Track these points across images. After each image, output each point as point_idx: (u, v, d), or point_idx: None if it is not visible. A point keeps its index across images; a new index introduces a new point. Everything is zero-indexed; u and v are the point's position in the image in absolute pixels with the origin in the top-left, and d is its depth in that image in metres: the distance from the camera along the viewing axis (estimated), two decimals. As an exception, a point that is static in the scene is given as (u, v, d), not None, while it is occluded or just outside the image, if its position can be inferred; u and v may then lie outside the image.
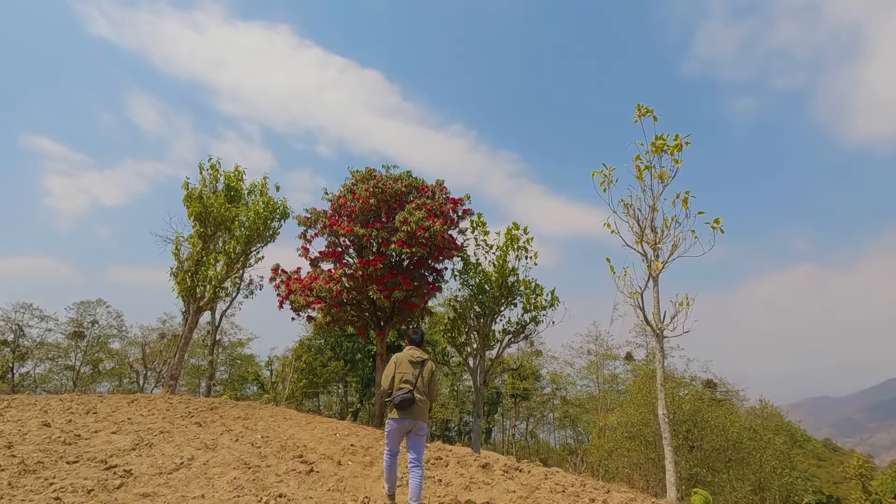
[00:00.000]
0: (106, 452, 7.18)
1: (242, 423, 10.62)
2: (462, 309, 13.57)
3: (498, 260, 13.19)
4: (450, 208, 12.73)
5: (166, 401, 13.08)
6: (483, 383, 13.41)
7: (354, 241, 12.40)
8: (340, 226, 11.98)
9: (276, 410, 12.73)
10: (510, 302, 13.53)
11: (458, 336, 13.74)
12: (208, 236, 15.01)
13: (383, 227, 11.94)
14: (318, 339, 34.61)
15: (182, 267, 14.88)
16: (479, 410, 13.40)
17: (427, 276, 12.99)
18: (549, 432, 46.42)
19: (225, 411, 11.90)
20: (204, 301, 15.12)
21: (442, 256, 12.53)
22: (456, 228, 13.12)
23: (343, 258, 12.59)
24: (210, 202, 14.67)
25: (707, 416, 28.58)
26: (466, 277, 13.41)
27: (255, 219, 15.15)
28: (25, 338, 38.47)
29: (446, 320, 13.88)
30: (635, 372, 38.73)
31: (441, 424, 42.19)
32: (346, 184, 12.57)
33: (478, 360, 13.46)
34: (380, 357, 13.19)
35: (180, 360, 15.03)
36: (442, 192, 12.72)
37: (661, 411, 7.27)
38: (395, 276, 12.10)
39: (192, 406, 12.31)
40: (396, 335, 17.43)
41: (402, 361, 5.38)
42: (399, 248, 11.53)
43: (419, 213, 11.47)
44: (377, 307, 13.03)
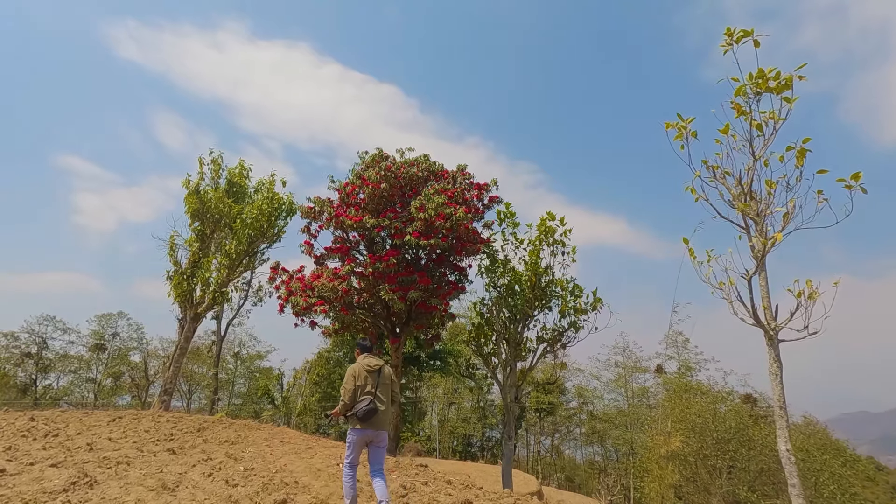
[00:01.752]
0: (23, 496, 5.19)
1: (228, 448, 8.59)
2: (489, 313, 11.40)
3: (530, 256, 11.01)
4: (474, 195, 10.65)
5: (153, 419, 11.13)
6: (515, 399, 11.15)
7: (364, 234, 10.40)
8: (347, 216, 9.99)
9: (275, 432, 10.67)
10: (545, 305, 11.31)
11: (484, 345, 11.55)
12: (206, 235, 13.18)
13: (397, 217, 9.92)
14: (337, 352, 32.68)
15: (179, 269, 13.06)
16: (511, 431, 11.11)
17: (448, 274, 10.88)
18: (574, 448, 43.36)
19: (213, 433, 9.90)
20: (202, 307, 13.23)
21: (465, 251, 10.42)
22: (481, 220, 11.03)
23: (351, 254, 10.58)
24: (207, 197, 12.88)
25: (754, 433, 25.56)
26: (494, 277, 11.25)
27: (259, 216, 13.29)
28: (49, 350, 37.42)
29: (470, 326, 11.70)
30: (667, 386, 35.72)
31: (463, 440, 39.61)
32: (355, 169, 10.61)
33: (508, 372, 11.23)
34: (394, 369, 11.05)
35: (174, 373, 13.11)
36: (465, 178, 10.66)
37: (783, 445, 5.01)
38: (412, 274, 10.04)
39: (179, 426, 10.33)
40: (415, 345, 15.28)
41: (359, 373, 5.16)
42: (415, 240, 9.48)
43: (438, 199, 9.43)
44: (391, 311, 10.95)
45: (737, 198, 5.72)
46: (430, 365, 16.21)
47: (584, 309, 11.04)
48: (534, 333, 11.41)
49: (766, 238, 5.35)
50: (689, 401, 28.74)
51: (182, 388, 38.66)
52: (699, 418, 25.04)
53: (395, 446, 10.89)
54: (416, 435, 38.62)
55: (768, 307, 5.26)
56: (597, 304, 11.01)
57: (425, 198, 9.52)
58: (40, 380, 36.88)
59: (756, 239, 5.39)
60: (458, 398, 38.33)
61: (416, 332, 11.12)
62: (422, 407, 40.88)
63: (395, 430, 10.89)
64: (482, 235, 10.88)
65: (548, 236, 11.03)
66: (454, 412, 39.44)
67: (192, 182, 12.84)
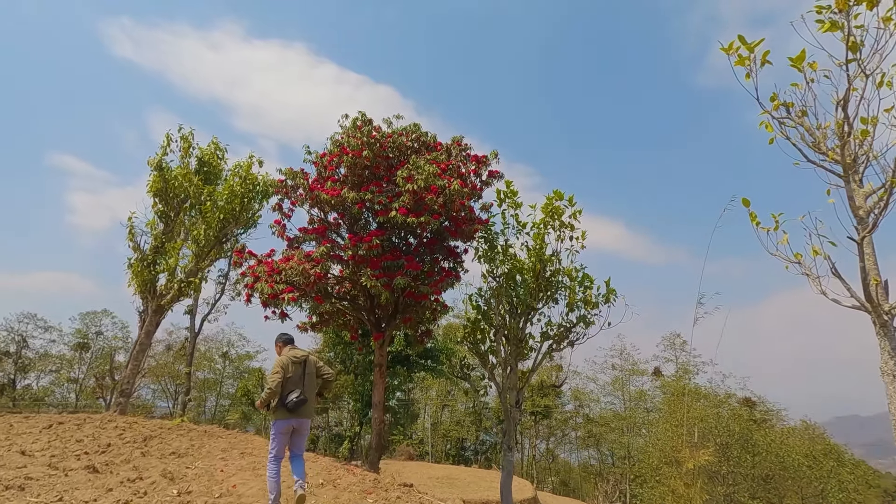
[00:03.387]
0: None
1: (170, 464, 6.93)
2: (486, 306, 9.80)
3: (535, 240, 9.43)
4: (471, 170, 9.07)
5: (100, 425, 9.41)
6: (517, 404, 9.53)
7: (344, 213, 8.78)
8: (324, 189, 8.38)
9: (239, 440, 9.01)
10: (550, 297, 9.72)
11: (480, 342, 9.95)
12: (171, 218, 11.51)
13: (381, 191, 8.31)
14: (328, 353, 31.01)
15: (140, 255, 11.38)
16: (512, 441, 9.48)
17: (441, 260, 9.27)
18: (569, 451, 41.72)
19: (162, 443, 8.23)
20: (167, 299, 11.55)
21: (460, 233, 8.81)
22: (479, 200, 9.44)
23: (329, 235, 8.96)
24: (171, 175, 11.22)
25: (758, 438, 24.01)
26: (493, 265, 9.66)
27: (231, 198, 11.64)
28: (28, 349, 35.40)
29: (466, 322, 10.08)
30: (665, 389, 34.19)
31: (456, 443, 37.89)
32: (334, 136, 9.00)
33: (507, 373, 9.61)
34: (378, 369, 9.41)
35: (133, 372, 11.40)
36: (461, 149, 9.08)
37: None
38: (398, 258, 8.43)
39: (125, 434, 8.64)
40: (404, 342, 13.61)
41: (287, 365, 5.12)
42: (402, 217, 7.88)
43: (430, 168, 7.84)
44: (375, 302, 9.33)
45: (821, 140, 4.19)
46: (422, 364, 14.56)
47: (595, 302, 9.45)
48: (537, 329, 9.82)
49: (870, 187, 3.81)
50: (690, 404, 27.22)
51: (168, 389, 36.76)
52: (701, 423, 23.51)
53: (378, 455, 9.25)
54: (408, 438, 36.83)
55: (879, 282, 3.72)
56: (610, 296, 9.43)
57: (414, 167, 7.92)
58: (19, 380, 34.85)
59: (855, 194, 3.85)
60: (451, 401, 36.63)
61: (404, 326, 9.48)
62: (414, 409, 39.13)
63: (378, 438, 9.24)
64: (480, 217, 9.28)
65: (554, 218, 9.46)
66: (447, 415, 37.74)
67: (154, 158, 11.17)
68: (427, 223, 7.83)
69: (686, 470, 10.53)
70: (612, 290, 9.49)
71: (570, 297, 9.63)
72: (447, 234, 8.91)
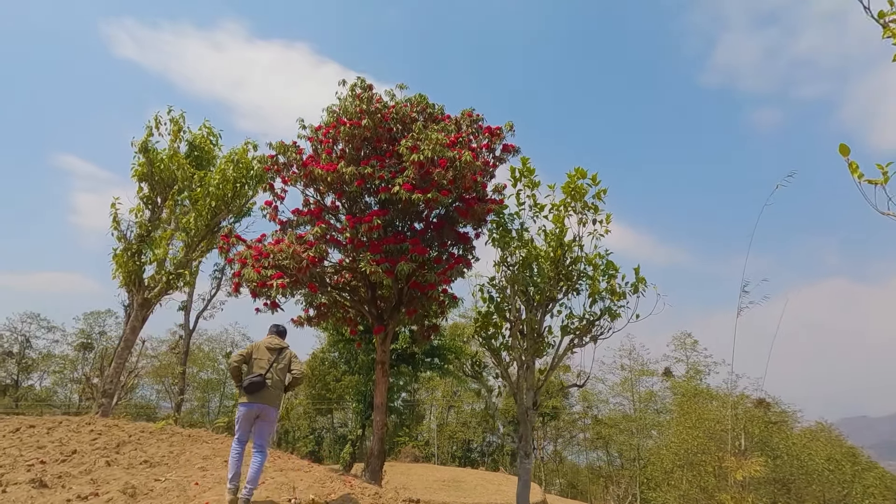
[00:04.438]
0: None
1: (138, 475, 5.87)
2: (500, 297, 8.70)
3: (555, 222, 8.34)
4: (483, 145, 7.99)
5: (74, 429, 8.36)
6: (533, 406, 8.42)
7: (342, 193, 7.72)
8: (318, 164, 7.32)
9: (224, 446, 7.91)
10: (571, 287, 8.63)
11: (493, 337, 8.86)
12: (157, 204, 10.50)
13: (383, 166, 7.25)
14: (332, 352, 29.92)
15: (125, 244, 10.37)
16: (528, 447, 8.36)
17: (449, 244, 8.19)
18: (576, 453, 40.43)
19: (136, 450, 7.17)
20: (154, 292, 10.54)
21: (472, 214, 7.72)
22: (491, 180, 8.36)
23: (325, 217, 7.90)
24: (157, 158, 10.21)
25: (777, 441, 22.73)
26: (507, 251, 8.56)
27: (222, 183, 10.61)
28: (32, 349, 34.57)
29: (476, 315, 8.98)
30: (675, 390, 32.91)
31: (462, 445, 36.69)
32: (331, 107, 7.94)
33: (525, 370, 8.51)
34: (380, 367, 8.32)
35: (116, 371, 10.37)
36: (472, 121, 8.00)
37: None
38: (402, 241, 7.37)
39: (99, 439, 7.60)
40: (409, 339, 12.51)
41: (259, 346, 5.14)
42: (407, 193, 6.81)
43: (438, 136, 6.78)
44: (376, 293, 8.26)
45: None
46: (428, 363, 13.45)
47: (622, 292, 8.34)
48: (558, 322, 8.72)
49: None
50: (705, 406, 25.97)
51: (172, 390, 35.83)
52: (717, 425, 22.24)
53: (380, 463, 8.16)
54: (413, 439, 35.70)
55: None
56: (639, 285, 8.32)
57: (420, 135, 6.85)
58: (23, 380, 34.01)
59: None
60: (457, 401, 35.47)
61: (409, 320, 8.39)
62: (419, 410, 37.99)
63: (380, 444, 8.14)
64: (493, 198, 8.20)
65: (576, 199, 8.37)
66: (454, 415, 36.58)
67: (139, 140, 10.17)
68: (435, 200, 6.74)
69: (734, 481, 9.33)
70: (642, 279, 8.37)
71: (592, 287, 8.54)
72: (457, 216, 7.83)
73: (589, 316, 8.53)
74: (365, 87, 7.58)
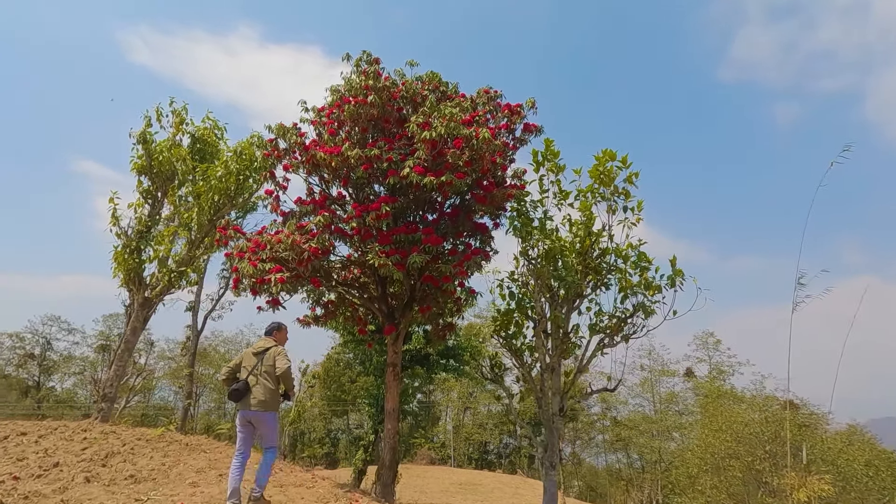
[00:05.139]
0: None
1: (120, 493, 5.18)
2: (522, 293, 7.85)
3: (582, 209, 7.48)
4: (502, 126, 7.16)
5: (66, 437, 7.74)
6: (560, 412, 7.55)
7: (347, 178, 6.95)
8: (321, 147, 6.57)
9: (223, 456, 7.22)
10: (601, 281, 7.75)
11: (515, 336, 8.01)
12: (157, 198, 9.88)
13: (391, 147, 6.47)
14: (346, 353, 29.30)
15: (124, 241, 9.76)
16: (555, 456, 7.50)
17: (465, 234, 7.36)
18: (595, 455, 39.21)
19: (126, 462, 6.49)
20: (155, 291, 9.91)
21: (491, 199, 6.89)
22: (511, 162, 7.51)
23: (330, 206, 7.14)
24: (157, 149, 9.59)
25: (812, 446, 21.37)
26: (528, 242, 7.71)
27: (225, 176, 9.95)
28: (53, 351, 34.64)
29: (495, 313, 8.14)
30: (698, 391, 31.57)
31: (479, 447, 35.77)
32: (335, 87, 7.19)
33: (550, 373, 7.64)
34: (391, 369, 7.53)
35: (117, 374, 9.76)
36: (490, 99, 7.17)
37: None
38: (415, 231, 6.57)
39: (90, 450, 6.93)
40: (423, 339, 11.71)
41: (246, 353, 4.97)
42: (419, 176, 6.01)
43: (452, 111, 5.97)
44: (386, 289, 7.48)
45: None
46: (443, 365, 12.64)
47: (657, 285, 7.42)
48: (585, 320, 7.83)
49: None
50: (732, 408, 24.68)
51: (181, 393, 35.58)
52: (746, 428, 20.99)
53: (392, 475, 7.36)
54: (429, 441, 34.91)
55: None
56: (676, 278, 7.39)
57: (432, 110, 6.06)
58: (44, 381, 34.08)
59: None
60: (473, 403, 34.59)
61: (422, 317, 7.59)
62: (435, 412, 37.19)
63: (392, 453, 7.35)
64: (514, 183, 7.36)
65: (605, 184, 7.49)
66: (470, 417, 35.71)
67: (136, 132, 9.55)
68: (449, 183, 5.93)
69: (796, 501, 8.34)
70: (679, 272, 7.43)
71: (626, 281, 7.63)
72: (473, 203, 7.00)
73: (620, 313, 7.64)
74: (371, 60, 6.81)
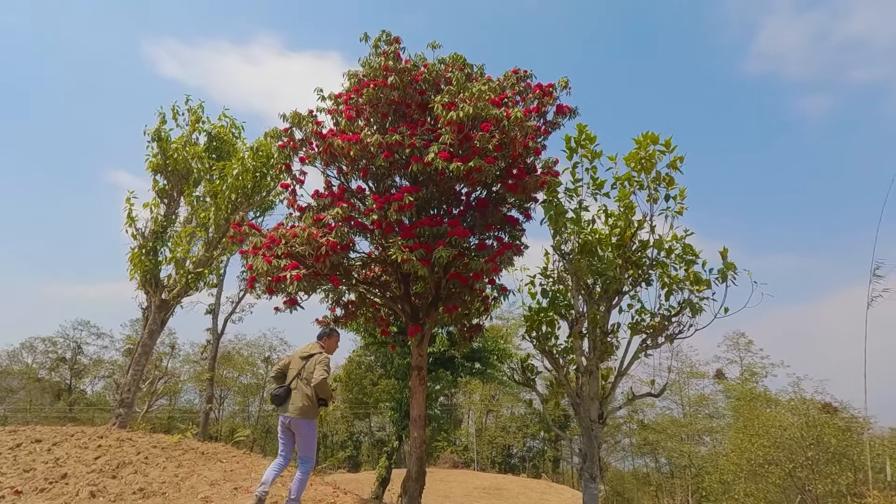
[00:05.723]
0: None
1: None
2: (557, 290, 7.20)
3: (621, 198, 6.80)
4: (532, 109, 6.54)
5: (80, 444, 7.36)
6: (599, 419, 6.87)
7: (366, 168, 6.43)
8: (339, 136, 6.06)
9: (241, 466, 6.74)
10: (642, 277, 7.05)
11: (547, 337, 7.37)
12: (173, 197, 9.55)
13: (414, 133, 5.92)
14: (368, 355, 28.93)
15: (140, 242, 9.45)
16: (595, 468, 6.81)
17: (495, 227, 6.75)
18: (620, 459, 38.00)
19: (138, 473, 6.05)
20: (173, 292, 9.57)
21: (523, 186, 6.27)
22: (542, 149, 6.88)
23: (348, 198, 6.62)
24: (171, 147, 9.25)
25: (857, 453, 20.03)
26: (563, 235, 7.07)
27: (242, 174, 9.57)
28: (83, 355, 35.18)
29: (527, 312, 7.49)
30: (729, 393, 30.22)
31: (502, 450, 34.96)
32: (352, 71, 6.69)
33: (588, 377, 6.96)
34: (417, 373, 6.96)
35: (134, 379, 9.44)
36: (519, 80, 6.57)
37: None
38: (440, 224, 6.01)
39: (102, 459, 6.53)
40: (447, 341, 11.11)
41: (294, 356, 5.04)
42: (444, 162, 5.45)
43: (481, 88, 5.40)
44: (409, 287, 6.93)
45: None
46: (468, 368, 12.02)
47: (706, 280, 6.69)
48: (624, 319, 7.14)
49: None
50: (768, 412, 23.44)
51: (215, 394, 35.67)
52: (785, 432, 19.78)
53: (419, 488, 6.79)
54: (451, 444, 34.25)
55: None
56: (727, 272, 6.64)
57: (458, 85, 5.49)
58: (75, 385, 34.62)
59: None
60: (496, 405, 33.83)
61: (448, 317, 7.00)
62: (457, 414, 36.53)
63: (419, 464, 6.78)
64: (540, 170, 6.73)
65: (645, 170, 6.81)
66: (492, 420, 34.95)
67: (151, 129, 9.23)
68: (478, 169, 5.34)
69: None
70: (731, 265, 6.69)
71: (671, 277, 6.91)
72: (503, 193, 6.40)
73: (665, 311, 6.92)
74: (390, 40, 6.27)
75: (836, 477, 18.61)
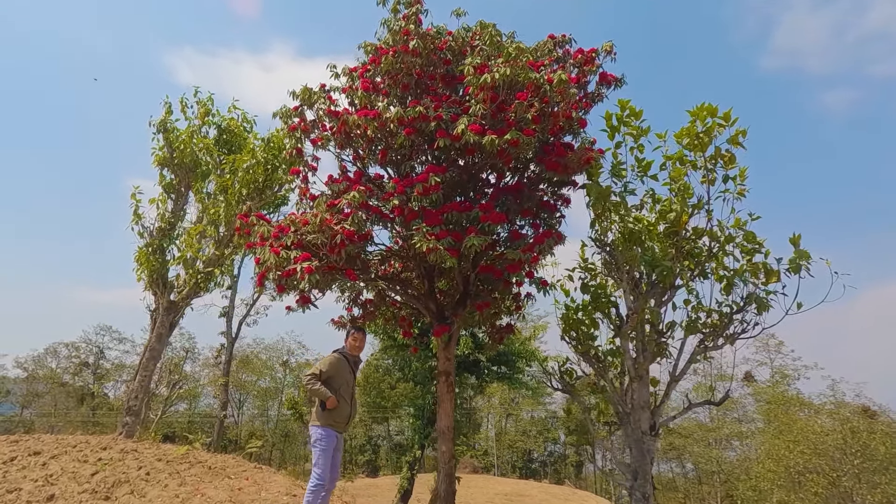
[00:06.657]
0: None
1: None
2: (600, 284, 6.32)
3: (675, 178, 5.91)
4: (572, 79, 5.69)
5: (78, 458, 6.71)
6: (653, 430, 5.95)
7: (385, 150, 5.65)
8: (357, 112, 5.30)
9: (250, 483, 6.01)
10: (698, 269, 6.13)
11: (588, 338, 6.48)
12: (181, 192, 8.91)
13: (439, 105, 5.13)
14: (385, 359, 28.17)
15: (147, 240, 8.84)
16: (648, 487, 5.89)
17: (531, 212, 5.90)
18: (644, 464, 36.48)
19: (134, 493, 5.39)
20: (182, 293, 8.93)
21: (565, 164, 5.41)
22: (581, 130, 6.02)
23: (365, 182, 5.84)
24: (178, 139, 8.62)
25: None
26: (603, 226, 6.20)
27: (253, 166, 8.90)
28: (105, 359, 35.14)
29: (565, 310, 6.61)
30: (759, 396, 28.72)
31: (523, 455, 33.86)
32: (367, 43, 5.94)
33: (638, 383, 6.05)
34: (444, 378, 6.11)
35: (143, 385, 8.80)
36: (557, 45, 5.73)
37: None
38: (469, 208, 5.19)
39: (100, 475, 5.85)
40: (472, 344, 10.26)
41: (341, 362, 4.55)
42: (477, 136, 4.64)
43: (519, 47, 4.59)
44: (433, 283, 6.11)
45: None
46: (495, 372, 11.14)
47: (776, 271, 5.74)
48: (677, 317, 6.22)
49: None
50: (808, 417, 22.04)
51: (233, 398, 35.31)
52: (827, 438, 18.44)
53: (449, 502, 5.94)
54: (471, 449, 33.28)
55: None
56: (801, 262, 5.67)
57: (492, 46, 4.69)
58: (98, 390, 34.57)
59: None
60: (515, 409, 32.78)
61: (477, 316, 6.16)
62: (476, 418, 35.55)
63: (448, 481, 5.94)
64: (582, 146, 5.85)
65: (700, 148, 5.90)
66: (512, 424, 33.89)
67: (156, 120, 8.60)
68: (514, 144, 4.51)
69: None
70: (805, 254, 5.73)
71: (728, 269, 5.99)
72: (540, 175, 5.56)
73: (728, 307, 5.99)
74: (410, 2, 5.48)
75: (886, 486, 17.18)
